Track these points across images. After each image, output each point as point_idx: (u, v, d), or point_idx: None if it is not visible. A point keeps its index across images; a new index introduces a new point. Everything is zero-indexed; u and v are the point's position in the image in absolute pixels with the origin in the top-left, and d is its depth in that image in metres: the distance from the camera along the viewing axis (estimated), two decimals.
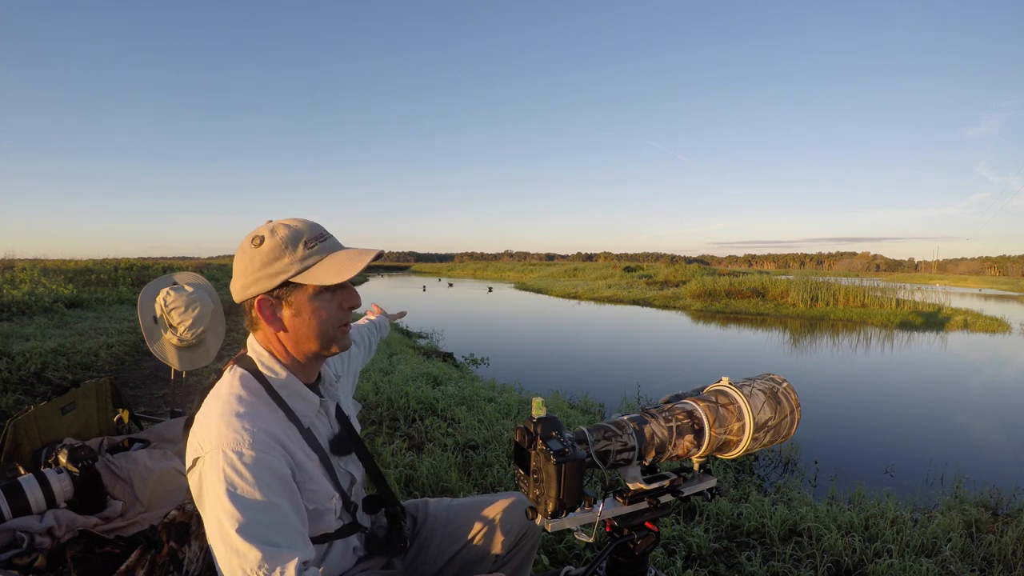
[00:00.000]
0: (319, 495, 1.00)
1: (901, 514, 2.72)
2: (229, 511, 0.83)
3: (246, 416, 0.91)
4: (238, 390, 0.96)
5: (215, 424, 0.90)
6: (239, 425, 0.89)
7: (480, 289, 28.01)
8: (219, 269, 26.58)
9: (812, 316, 15.27)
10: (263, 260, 0.95)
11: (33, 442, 1.76)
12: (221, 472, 0.85)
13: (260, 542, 0.83)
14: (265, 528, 0.84)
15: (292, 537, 0.87)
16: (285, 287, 0.96)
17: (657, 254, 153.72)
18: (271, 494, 0.87)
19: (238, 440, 0.87)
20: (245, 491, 0.85)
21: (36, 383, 4.79)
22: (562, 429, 0.91)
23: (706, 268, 39.87)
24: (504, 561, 1.28)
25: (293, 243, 0.96)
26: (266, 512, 0.85)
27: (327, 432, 1.09)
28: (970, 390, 7.16)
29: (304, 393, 1.02)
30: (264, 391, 0.99)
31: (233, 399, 0.94)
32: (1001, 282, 49.14)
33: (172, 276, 2.51)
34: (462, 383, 5.36)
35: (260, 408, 0.95)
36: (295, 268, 0.95)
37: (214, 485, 0.85)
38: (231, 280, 1.00)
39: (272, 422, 0.95)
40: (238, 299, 1.00)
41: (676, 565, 2.19)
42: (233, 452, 0.86)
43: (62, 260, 18.04)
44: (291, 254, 0.95)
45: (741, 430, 1.04)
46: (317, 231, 1.00)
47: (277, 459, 0.90)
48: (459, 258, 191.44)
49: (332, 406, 1.12)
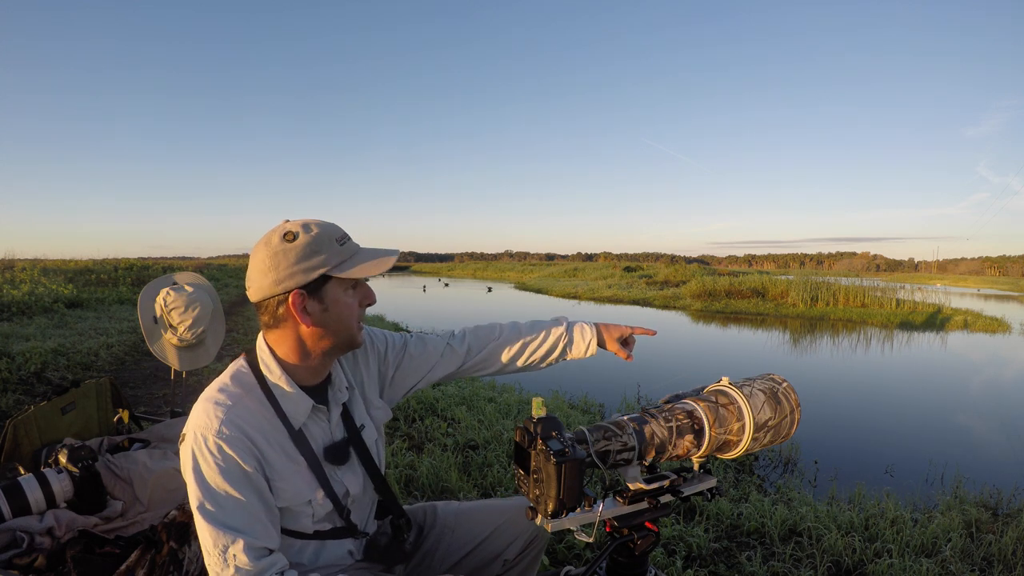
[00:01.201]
0: (289, 494, 1.01)
1: (901, 514, 2.72)
2: (195, 490, 0.92)
3: (222, 405, 0.96)
4: (227, 381, 1.01)
5: (199, 407, 0.97)
6: (213, 412, 0.95)
7: (479, 289, 28.01)
8: (219, 269, 26.59)
9: (812, 316, 15.27)
10: (299, 254, 0.96)
11: (33, 442, 1.76)
12: (191, 452, 0.93)
13: (215, 523, 0.91)
14: (221, 511, 0.91)
15: (250, 523, 0.93)
16: (319, 281, 0.98)
17: (657, 254, 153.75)
18: (231, 481, 0.93)
19: (207, 426, 0.93)
20: (207, 474, 0.92)
21: (36, 383, 4.79)
22: (562, 429, 0.91)
23: (706, 268, 39.88)
24: (510, 566, 1.28)
25: (328, 240, 0.99)
26: (225, 497, 0.92)
27: (324, 437, 1.08)
28: (970, 390, 7.16)
29: (294, 395, 1.03)
30: (258, 386, 1.02)
31: (219, 388, 1.00)
32: (1001, 282, 49.14)
33: (172, 276, 2.51)
34: (462, 383, 5.36)
35: (244, 401, 0.98)
36: (334, 262, 0.99)
37: (187, 462, 0.94)
38: (251, 278, 1.00)
39: (251, 416, 0.98)
40: (266, 295, 0.98)
41: (676, 565, 2.19)
42: (202, 436, 0.93)
43: (62, 260, 18.05)
44: (329, 249, 0.98)
45: (741, 430, 1.04)
46: (342, 231, 1.03)
47: (240, 451, 0.94)
48: (459, 258, 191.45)
49: (336, 412, 1.10)
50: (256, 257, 0.99)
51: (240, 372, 1.03)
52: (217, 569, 0.91)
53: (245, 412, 0.97)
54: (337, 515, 1.09)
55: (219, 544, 0.90)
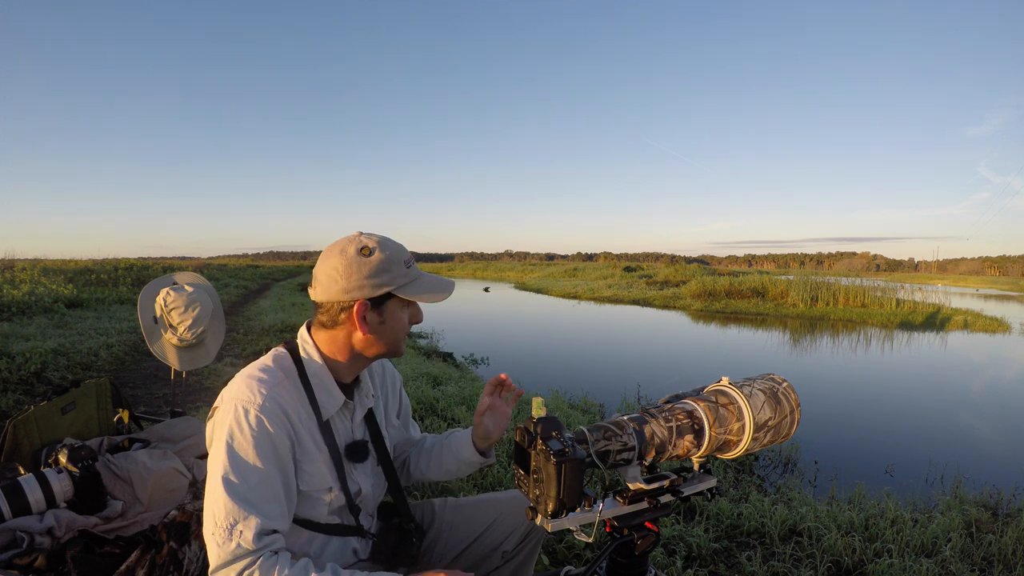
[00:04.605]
0: (314, 479, 1.05)
1: (901, 514, 2.72)
2: (223, 460, 0.95)
3: (264, 383, 1.01)
4: (269, 363, 1.07)
5: (238, 382, 1.02)
6: (256, 387, 1.00)
7: (476, 289, 27.99)
8: (219, 269, 26.58)
9: (812, 316, 15.27)
10: (371, 270, 1.04)
11: (33, 442, 1.76)
12: (227, 423, 0.97)
13: (235, 496, 0.93)
14: (244, 485, 0.94)
15: (267, 502, 0.95)
16: (384, 297, 1.07)
17: (657, 254, 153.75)
18: (262, 457, 0.96)
19: (249, 399, 0.98)
20: (240, 446, 0.95)
21: (36, 383, 4.79)
22: (562, 429, 0.91)
23: (706, 268, 39.87)
24: (509, 558, 1.30)
25: (398, 261, 1.07)
26: (251, 470, 0.95)
27: (346, 434, 1.14)
28: (970, 390, 7.16)
29: (331, 387, 1.09)
30: (296, 372, 1.08)
31: (261, 368, 1.05)
32: (1001, 282, 49.15)
33: (172, 276, 2.51)
34: (462, 383, 5.36)
35: (283, 383, 1.04)
36: (400, 283, 1.07)
37: (220, 433, 0.97)
38: (319, 280, 1.06)
39: (289, 398, 1.03)
40: (332, 299, 1.05)
41: (676, 565, 2.19)
42: (242, 408, 0.97)
43: (62, 260, 18.03)
44: (398, 269, 1.07)
45: (741, 430, 1.04)
46: (409, 253, 1.11)
47: (278, 428, 0.99)
48: (459, 258, 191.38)
49: (360, 413, 1.17)
50: (329, 262, 1.05)
51: (282, 358, 1.09)
52: (219, 541, 0.92)
53: (285, 393, 1.03)
54: (348, 511, 1.13)
55: (230, 518, 0.92)
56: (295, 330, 8.21)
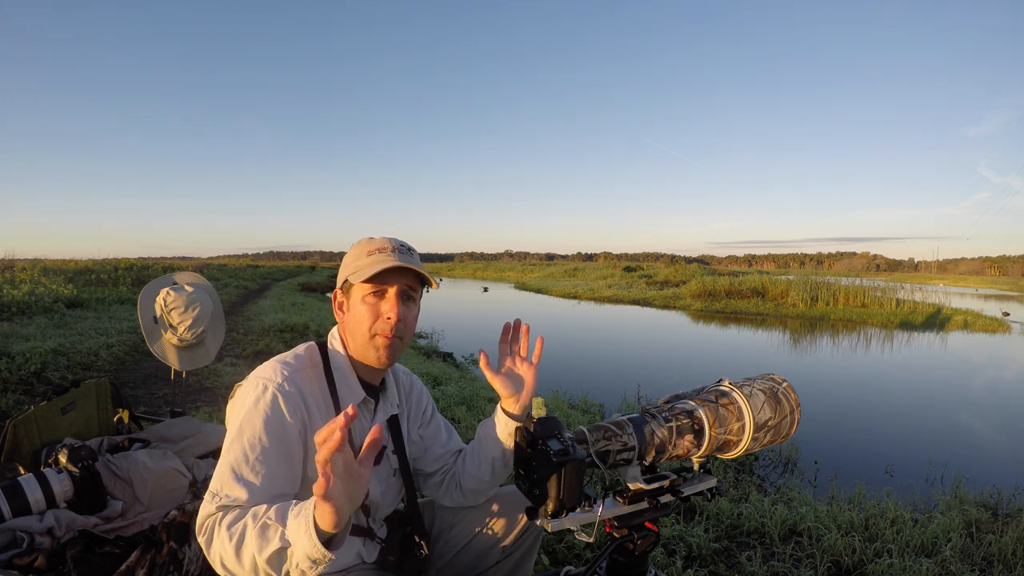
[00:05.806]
0: None
1: (901, 514, 2.72)
2: (235, 430, 0.99)
3: (289, 366, 1.07)
4: (300, 351, 1.13)
5: (267, 364, 1.08)
6: (281, 369, 1.05)
7: (475, 289, 27.96)
8: (219, 269, 26.57)
9: (812, 316, 15.27)
10: (345, 262, 1.14)
11: (33, 442, 1.76)
12: (246, 396, 1.02)
13: (230, 467, 0.95)
14: (243, 459, 0.96)
15: (260, 479, 0.95)
16: (346, 284, 1.12)
17: (657, 254, 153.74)
18: (269, 434, 0.98)
19: (271, 378, 1.03)
20: (252, 420, 0.99)
21: (36, 383, 4.79)
22: (562, 429, 0.92)
23: (706, 268, 39.87)
24: (508, 554, 1.30)
25: (362, 252, 1.11)
26: (254, 447, 0.97)
27: (362, 434, 1.13)
28: (970, 390, 7.16)
29: (352, 380, 1.13)
30: (322, 364, 1.12)
31: (293, 354, 1.11)
32: (1001, 282, 49.15)
33: (172, 276, 2.51)
34: (462, 383, 5.36)
35: (307, 370, 1.09)
36: (350, 271, 1.11)
37: (238, 404, 1.03)
38: None
39: (310, 385, 1.08)
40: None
41: (676, 565, 2.19)
42: (263, 384, 1.02)
43: (62, 260, 18.02)
44: (355, 260, 1.11)
45: (741, 430, 1.04)
46: (388, 244, 1.11)
47: (291, 407, 1.02)
48: (459, 258, 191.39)
49: (381, 416, 1.17)
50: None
51: (312, 349, 1.15)
52: (204, 505, 0.95)
53: (307, 379, 1.08)
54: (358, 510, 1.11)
55: (218, 485, 0.94)
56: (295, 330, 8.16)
